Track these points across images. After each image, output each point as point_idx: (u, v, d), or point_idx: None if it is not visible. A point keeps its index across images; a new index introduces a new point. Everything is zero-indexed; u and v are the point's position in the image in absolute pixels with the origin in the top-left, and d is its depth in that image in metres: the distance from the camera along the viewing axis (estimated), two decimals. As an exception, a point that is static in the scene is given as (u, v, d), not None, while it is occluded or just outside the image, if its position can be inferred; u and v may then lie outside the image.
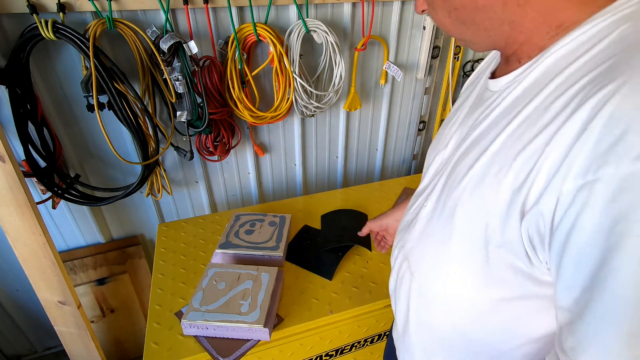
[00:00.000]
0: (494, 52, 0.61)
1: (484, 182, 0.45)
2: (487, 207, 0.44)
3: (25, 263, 1.04)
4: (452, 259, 0.51)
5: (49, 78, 1.07)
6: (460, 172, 0.50)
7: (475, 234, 0.46)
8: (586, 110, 0.35)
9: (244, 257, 1.12)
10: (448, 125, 0.63)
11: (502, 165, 0.42)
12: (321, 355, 1.09)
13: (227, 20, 1.15)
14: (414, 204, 0.64)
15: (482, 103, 0.53)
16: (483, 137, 0.48)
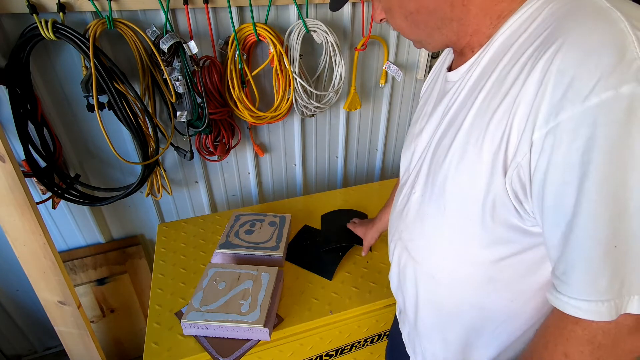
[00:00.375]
0: (445, 52, 0.69)
1: (466, 152, 0.50)
2: (474, 173, 0.48)
3: (25, 263, 1.04)
4: (450, 229, 0.55)
5: (49, 78, 1.07)
6: (442, 152, 0.55)
7: (467, 201, 0.50)
8: (538, 70, 0.41)
9: (244, 257, 1.12)
10: (417, 122, 0.68)
11: (479, 134, 0.48)
12: (321, 355, 1.09)
13: (227, 20, 1.15)
14: (399, 195, 0.68)
15: (446, 93, 0.59)
16: (455, 118, 0.54)
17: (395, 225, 0.69)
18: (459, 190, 0.51)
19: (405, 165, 0.71)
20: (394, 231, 0.69)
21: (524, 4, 0.47)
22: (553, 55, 0.40)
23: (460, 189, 0.51)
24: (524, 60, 0.44)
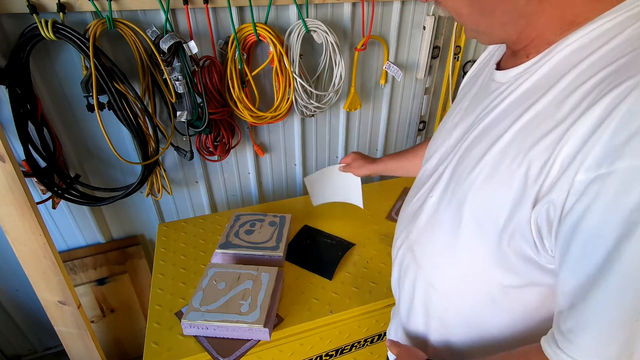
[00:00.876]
0: (495, 45, 0.61)
1: (497, 172, 0.46)
2: (499, 196, 0.45)
3: (25, 263, 1.04)
4: (463, 246, 0.52)
5: (49, 78, 1.07)
6: (469, 162, 0.51)
7: (486, 222, 0.47)
8: (602, 106, 0.36)
9: (244, 257, 1.12)
10: (450, 117, 0.63)
11: (515, 157, 0.44)
12: (321, 355, 1.09)
13: (227, 20, 1.15)
14: (416, 194, 0.65)
15: (488, 94, 0.54)
16: (493, 127, 0.49)
17: (405, 224, 0.66)
18: (480, 209, 0.48)
19: (427, 158, 0.67)
20: (403, 229, 0.67)
21: (604, 14, 0.40)
22: (627, 92, 0.35)
23: (481, 208, 0.48)
24: (589, 87, 0.38)
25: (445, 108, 1.66)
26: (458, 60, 1.54)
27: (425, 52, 1.44)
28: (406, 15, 1.37)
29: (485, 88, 0.56)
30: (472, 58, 1.59)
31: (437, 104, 1.67)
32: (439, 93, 1.64)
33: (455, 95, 1.64)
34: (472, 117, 0.56)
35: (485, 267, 0.50)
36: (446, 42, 1.50)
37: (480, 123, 0.52)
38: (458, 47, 1.51)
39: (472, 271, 0.52)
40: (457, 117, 0.60)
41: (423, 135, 1.74)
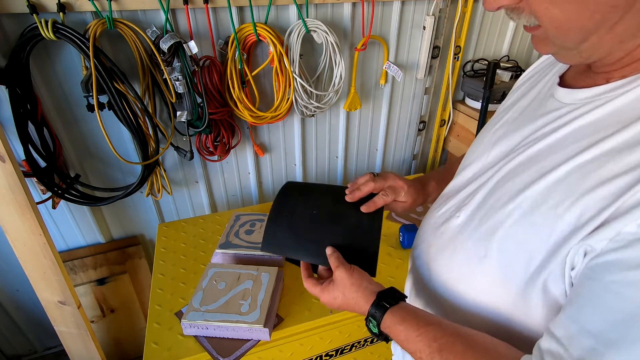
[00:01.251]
0: None
1: (538, 210, 0.41)
2: (536, 239, 0.41)
3: (25, 263, 1.04)
4: (483, 280, 0.48)
5: (49, 78, 1.07)
6: (508, 191, 0.45)
7: (516, 262, 0.43)
8: None
9: (244, 257, 1.12)
10: (494, 126, 0.57)
11: (564, 199, 0.38)
12: (321, 355, 1.09)
13: (227, 20, 1.15)
14: (442, 206, 0.60)
15: (544, 112, 0.47)
16: (544, 156, 0.43)
17: (426, 235, 0.62)
18: (510, 247, 0.44)
19: (462, 167, 0.60)
20: (424, 240, 0.62)
21: None
22: None
23: (512, 246, 0.44)
24: None
25: (446, 108, 1.66)
26: (458, 60, 1.54)
27: (425, 52, 1.44)
28: (406, 15, 1.37)
29: (542, 104, 0.49)
30: (472, 58, 1.59)
31: (437, 104, 1.67)
32: (439, 93, 1.64)
33: (455, 97, 1.64)
34: (520, 135, 0.49)
35: (505, 302, 0.46)
36: (446, 42, 1.50)
37: (530, 147, 0.45)
38: (458, 47, 1.51)
39: (487, 307, 0.49)
40: (501, 130, 0.54)
41: (423, 135, 1.74)
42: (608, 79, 0.40)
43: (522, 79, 0.61)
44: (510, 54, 1.64)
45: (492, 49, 1.61)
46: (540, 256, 0.40)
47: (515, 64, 1.56)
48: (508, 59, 1.62)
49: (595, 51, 0.38)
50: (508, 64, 1.55)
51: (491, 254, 0.46)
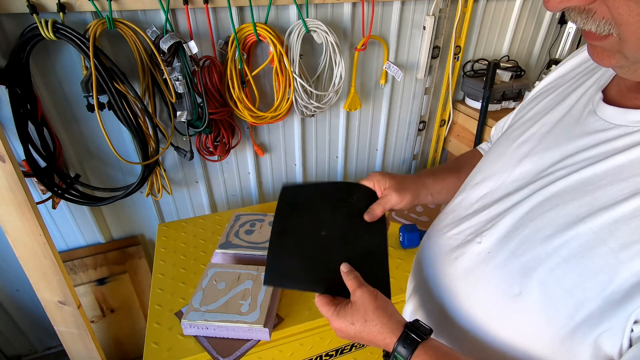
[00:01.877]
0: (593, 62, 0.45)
1: (594, 253, 0.35)
2: (590, 284, 0.35)
3: (25, 263, 1.04)
4: (517, 320, 0.42)
5: (49, 78, 1.07)
6: (550, 223, 0.39)
7: (559, 306, 0.37)
8: None
9: (244, 257, 1.12)
10: (515, 140, 0.49)
11: (633, 242, 0.33)
12: (321, 355, 1.09)
13: (227, 20, 1.15)
14: (454, 227, 0.53)
15: (586, 132, 0.40)
16: (599, 186, 0.37)
17: (435, 258, 0.54)
18: (554, 290, 0.38)
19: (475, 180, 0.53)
20: (432, 262, 0.55)
21: None
22: None
23: (555, 289, 0.37)
24: None
25: (446, 108, 1.66)
26: (458, 60, 1.54)
27: (425, 52, 1.44)
28: (406, 15, 1.37)
29: (581, 121, 0.42)
30: (472, 58, 1.59)
31: (437, 104, 1.67)
32: (439, 93, 1.64)
33: (455, 98, 1.64)
34: (555, 154, 0.43)
35: (537, 353, 0.40)
36: (446, 42, 1.50)
37: (575, 172, 0.39)
38: (458, 47, 1.51)
39: (517, 350, 0.42)
40: (527, 145, 0.47)
41: (423, 135, 1.74)
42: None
43: (546, 86, 0.54)
44: (510, 54, 1.64)
45: (492, 49, 1.61)
46: (593, 306, 0.35)
47: (515, 64, 1.56)
48: (508, 59, 1.62)
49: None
50: (508, 64, 1.55)
51: (528, 293, 0.40)
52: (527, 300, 0.40)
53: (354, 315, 0.48)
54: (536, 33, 1.65)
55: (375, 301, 0.48)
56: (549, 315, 0.38)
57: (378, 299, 0.49)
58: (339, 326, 0.49)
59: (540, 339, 0.40)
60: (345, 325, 0.48)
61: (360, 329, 0.47)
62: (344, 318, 0.48)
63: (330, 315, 0.50)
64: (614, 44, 0.32)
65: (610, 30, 0.32)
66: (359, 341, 0.49)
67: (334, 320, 0.50)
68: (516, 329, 0.43)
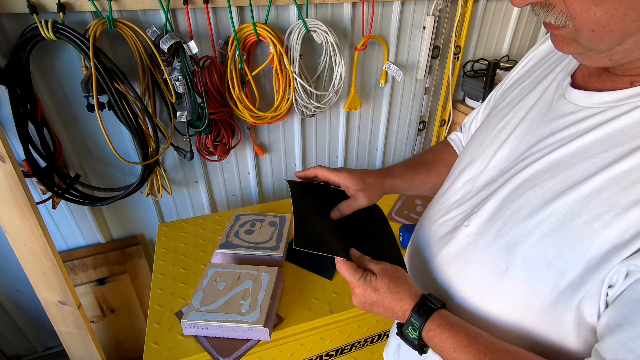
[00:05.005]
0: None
1: (570, 225, 0.38)
2: (569, 254, 0.38)
3: (25, 263, 1.04)
4: (506, 295, 0.45)
5: (49, 78, 1.07)
6: (530, 202, 0.42)
7: (543, 278, 0.40)
8: None
9: (244, 257, 1.12)
10: (495, 127, 0.53)
11: (602, 214, 0.36)
12: (321, 355, 1.09)
13: (227, 20, 1.15)
14: (444, 214, 0.56)
15: (557, 115, 0.44)
16: (569, 165, 0.40)
17: (427, 243, 0.57)
18: (537, 263, 0.41)
19: (459, 169, 0.57)
20: (424, 248, 0.58)
21: None
22: None
23: (539, 262, 0.41)
24: None
25: (446, 108, 1.66)
26: (458, 60, 1.54)
27: (425, 52, 1.44)
28: (406, 15, 1.37)
29: (552, 105, 0.46)
30: (472, 58, 1.59)
31: (437, 104, 1.67)
32: (439, 93, 1.64)
33: (455, 98, 1.64)
34: (531, 138, 0.46)
35: (527, 323, 0.43)
36: (446, 42, 1.50)
37: (549, 154, 0.43)
38: (458, 47, 1.51)
39: (509, 324, 0.45)
40: (505, 131, 0.50)
41: (423, 135, 1.74)
42: (632, 82, 0.38)
43: (518, 73, 0.57)
44: (510, 54, 1.64)
45: (492, 49, 1.61)
46: (574, 273, 0.38)
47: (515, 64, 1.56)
48: (508, 59, 1.62)
49: (628, 55, 0.36)
50: (508, 64, 1.55)
51: (514, 269, 0.43)
52: (513, 275, 0.43)
53: (378, 282, 0.52)
54: (536, 33, 1.65)
55: (397, 272, 0.53)
56: (535, 288, 0.41)
57: (399, 270, 0.54)
58: (362, 292, 0.52)
59: (528, 312, 0.43)
60: (369, 291, 0.52)
61: (382, 296, 0.51)
62: (369, 284, 0.52)
63: (357, 280, 0.53)
64: (570, 33, 0.37)
65: (567, 22, 0.36)
66: (375, 309, 0.52)
67: (359, 286, 0.53)
68: (506, 304, 0.45)
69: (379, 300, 0.51)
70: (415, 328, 0.48)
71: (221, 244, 1.13)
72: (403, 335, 0.51)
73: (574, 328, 0.40)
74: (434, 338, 0.47)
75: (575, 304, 0.38)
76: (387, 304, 0.51)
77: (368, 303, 0.53)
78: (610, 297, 0.36)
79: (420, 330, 0.48)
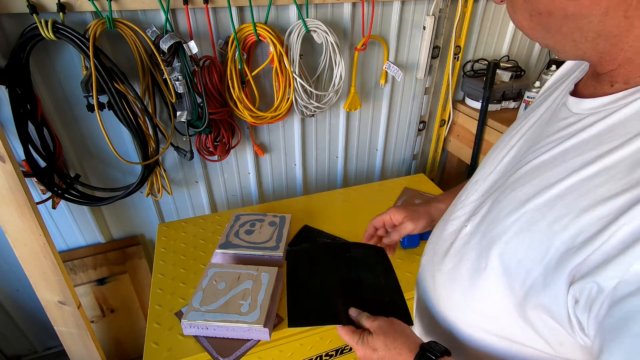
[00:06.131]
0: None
1: (535, 227, 0.39)
2: (532, 256, 0.39)
3: (25, 263, 1.04)
4: (483, 292, 0.47)
5: (49, 78, 1.07)
6: (510, 203, 0.44)
7: (514, 276, 0.41)
8: None
9: (244, 257, 1.12)
10: (512, 132, 0.55)
11: (562, 217, 0.37)
12: (321, 355, 1.09)
13: (227, 20, 1.15)
14: (453, 213, 0.58)
15: (555, 121, 0.45)
16: (548, 168, 0.41)
17: (433, 242, 0.60)
18: (509, 261, 0.42)
19: (475, 174, 0.58)
20: (432, 247, 0.60)
21: None
22: None
23: (510, 261, 0.42)
24: None
25: (446, 108, 1.66)
26: (458, 60, 1.54)
27: (425, 52, 1.44)
28: (406, 15, 1.37)
29: (555, 113, 0.46)
30: (472, 58, 1.59)
31: (437, 104, 1.67)
32: (439, 93, 1.64)
33: (455, 98, 1.64)
34: (529, 143, 0.48)
35: (506, 322, 0.44)
36: (446, 42, 1.50)
37: (537, 157, 0.44)
38: (458, 47, 1.51)
39: (491, 322, 0.47)
40: (516, 137, 0.52)
41: (423, 135, 1.74)
42: (613, 84, 0.39)
43: (547, 85, 0.59)
44: (510, 54, 1.64)
45: (492, 49, 1.61)
46: (536, 273, 0.39)
47: (515, 64, 1.56)
48: (508, 59, 1.62)
49: (564, 50, 0.39)
50: (508, 64, 1.55)
51: (491, 266, 0.44)
52: (490, 272, 0.45)
53: (375, 342, 0.53)
54: (536, 33, 1.65)
55: (392, 326, 0.54)
56: (509, 284, 0.42)
57: (395, 324, 0.54)
58: (363, 353, 0.54)
59: (505, 308, 0.44)
60: (369, 352, 0.53)
61: (382, 354, 0.52)
62: (367, 345, 0.53)
63: (355, 343, 0.55)
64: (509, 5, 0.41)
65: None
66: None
67: (359, 349, 0.54)
68: (486, 301, 0.47)
69: (381, 359, 0.52)
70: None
71: (221, 244, 1.13)
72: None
73: (546, 332, 0.41)
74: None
75: (539, 303, 0.39)
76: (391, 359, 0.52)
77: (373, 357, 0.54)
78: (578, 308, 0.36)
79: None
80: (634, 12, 0.33)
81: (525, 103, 1.35)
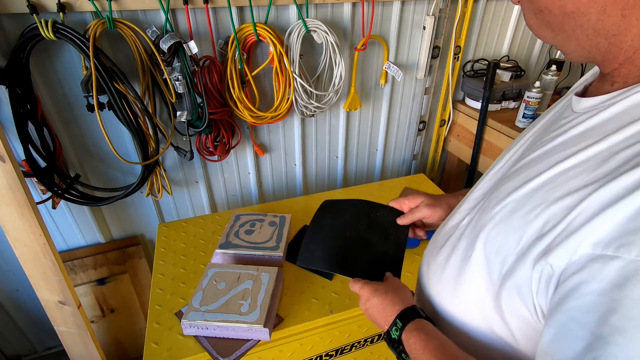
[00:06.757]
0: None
1: (515, 216, 0.41)
2: (509, 243, 0.41)
3: (25, 263, 1.04)
4: (466, 279, 0.48)
5: (49, 78, 1.07)
6: (498, 195, 0.46)
7: (494, 264, 0.43)
8: (635, 177, 0.31)
9: (244, 257, 1.12)
10: (525, 132, 0.57)
11: (536, 206, 0.38)
12: (321, 355, 1.09)
13: (227, 20, 1.15)
14: (460, 206, 0.60)
15: (558, 121, 0.46)
16: (536, 163, 0.43)
17: (439, 236, 0.61)
18: (490, 248, 0.44)
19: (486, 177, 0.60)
20: (435, 241, 0.62)
21: None
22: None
23: (491, 247, 0.44)
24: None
25: (446, 108, 1.66)
26: (458, 60, 1.54)
27: (425, 52, 1.44)
28: (406, 15, 1.37)
29: (560, 114, 0.48)
30: (472, 58, 1.59)
31: (437, 104, 1.67)
32: (439, 93, 1.64)
33: (455, 98, 1.64)
34: (535, 142, 0.49)
35: (487, 309, 0.46)
36: (446, 42, 1.50)
37: (532, 153, 0.45)
38: (458, 47, 1.51)
39: (473, 310, 0.49)
40: (526, 136, 0.53)
41: (423, 135, 1.74)
42: (613, 83, 0.39)
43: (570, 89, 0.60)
44: (510, 54, 1.64)
45: (492, 49, 1.61)
46: (510, 261, 0.40)
47: (515, 64, 1.56)
48: (508, 59, 1.62)
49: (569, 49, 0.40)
50: (508, 64, 1.55)
51: (476, 254, 0.46)
52: (474, 260, 0.46)
53: (383, 286, 0.60)
54: (536, 33, 1.65)
55: (399, 282, 0.61)
56: (489, 274, 0.44)
57: (400, 283, 0.62)
58: (367, 292, 0.59)
59: (488, 296, 0.45)
60: (370, 291, 0.59)
61: (381, 298, 0.57)
62: (372, 285, 0.60)
63: (363, 283, 0.61)
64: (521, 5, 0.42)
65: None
66: (374, 311, 0.58)
67: (364, 287, 0.60)
68: (469, 290, 0.49)
69: (380, 302, 0.57)
70: (398, 328, 0.53)
71: (221, 244, 1.13)
72: (388, 336, 0.55)
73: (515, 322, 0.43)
74: (410, 339, 0.51)
75: (511, 289, 0.41)
76: (385, 306, 0.57)
77: (370, 301, 0.59)
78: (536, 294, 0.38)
79: (401, 330, 0.52)
80: (631, 11, 0.34)
81: (525, 103, 1.35)
